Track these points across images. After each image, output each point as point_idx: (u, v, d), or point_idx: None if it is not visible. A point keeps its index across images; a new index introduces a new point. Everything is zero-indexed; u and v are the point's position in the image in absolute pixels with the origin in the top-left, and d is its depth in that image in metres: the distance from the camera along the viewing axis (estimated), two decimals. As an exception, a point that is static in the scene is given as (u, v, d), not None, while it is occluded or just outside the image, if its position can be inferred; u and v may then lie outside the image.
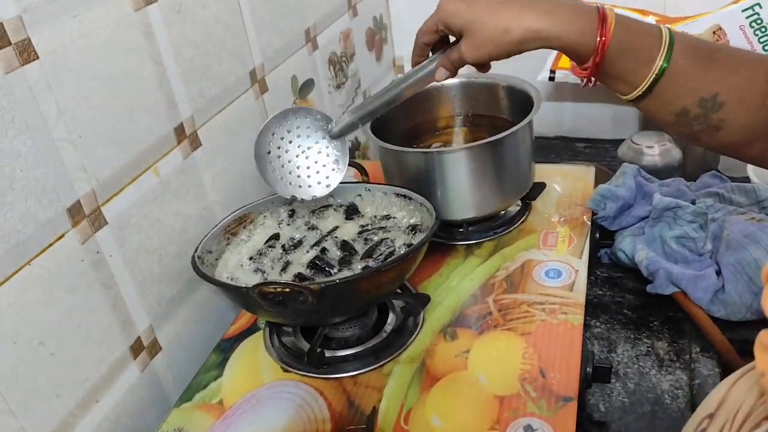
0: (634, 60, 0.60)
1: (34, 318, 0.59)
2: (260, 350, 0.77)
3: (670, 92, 0.60)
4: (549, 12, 0.59)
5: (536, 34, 0.59)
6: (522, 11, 0.59)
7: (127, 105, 0.68)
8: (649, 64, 0.59)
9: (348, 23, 1.19)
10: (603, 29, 0.58)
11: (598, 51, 0.59)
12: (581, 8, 0.60)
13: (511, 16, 0.60)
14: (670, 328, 0.85)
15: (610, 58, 0.59)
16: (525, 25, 0.59)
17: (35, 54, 0.57)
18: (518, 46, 0.61)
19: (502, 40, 0.60)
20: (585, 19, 0.59)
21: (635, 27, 0.60)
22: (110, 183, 0.67)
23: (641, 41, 0.60)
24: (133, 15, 0.68)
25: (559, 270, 0.82)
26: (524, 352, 0.71)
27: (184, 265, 0.79)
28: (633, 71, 0.60)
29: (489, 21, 0.60)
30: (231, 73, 0.86)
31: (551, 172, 1.02)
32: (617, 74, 0.61)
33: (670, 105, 0.61)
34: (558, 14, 0.59)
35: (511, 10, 0.60)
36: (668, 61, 0.59)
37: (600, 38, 0.58)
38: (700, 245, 0.85)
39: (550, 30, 0.59)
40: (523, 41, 0.60)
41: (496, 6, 0.60)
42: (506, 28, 0.60)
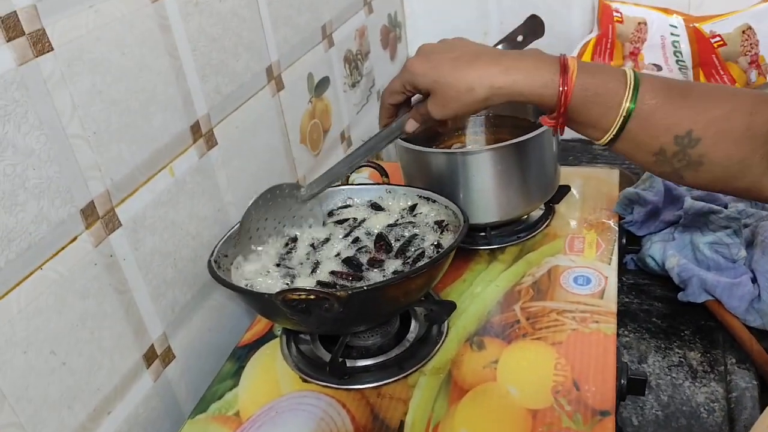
0: (600, 105, 0.60)
1: (46, 326, 0.55)
2: (277, 359, 0.74)
3: (642, 133, 0.60)
4: (510, 69, 0.60)
5: (499, 91, 0.60)
6: (486, 70, 0.61)
7: (142, 101, 0.65)
8: (617, 107, 0.59)
9: (363, 20, 1.16)
10: (564, 79, 0.59)
11: (561, 101, 0.59)
12: (543, 61, 0.61)
13: (475, 76, 0.61)
14: (702, 337, 0.82)
15: (576, 105, 0.60)
16: (488, 83, 0.60)
17: (50, 45, 0.54)
18: (483, 103, 0.62)
19: (467, 99, 0.61)
20: (547, 72, 0.60)
21: (598, 72, 0.61)
22: (125, 183, 0.64)
23: (605, 86, 0.60)
24: (149, 6, 0.65)
25: (588, 277, 0.79)
26: (556, 363, 0.68)
27: (198, 269, 0.75)
28: (601, 116, 0.60)
29: (453, 81, 0.61)
30: (247, 69, 0.83)
31: (573, 175, 1.00)
32: (585, 121, 0.61)
33: (645, 145, 0.61)
34: (519, 70, 0.60)
35: (475, 69, 0.61)
36: (634, 102, 0.59)
37: (561, 88, 0.59)
38: (735, 252, 0.82)
39: (513, 87, 0.60)
40: (486, 98, 0.61)
41: (461, 65, 0.62)
42: (470, 87, 0.61)
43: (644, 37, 1.13)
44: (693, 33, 1.06)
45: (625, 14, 1.14)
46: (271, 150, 0.90)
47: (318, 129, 1.03)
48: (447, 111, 0.64)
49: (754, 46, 1.05)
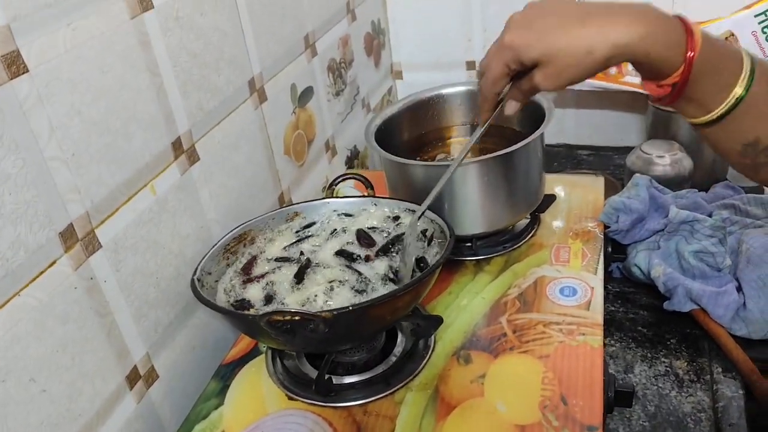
0: (713, 83, 0.55)
1: (25, 353, 0.54)
2: (262, 376, 0.73)
3: (744, 120, 0.56)
4: (634, 23, 0.53)
5: (624, 49, 0.53)
6: (603, 27, 0.53)
7: (123, 119, 0.64)
8: (728, 89, 0.55)
9: (346, 28, 1.15)
10: (691, 43, 0.53)
11: (686, 68, 0.53)
12: (666, 18, 0.54)
13: (591, 35, 0.54)
14: (688, 346, 0.82)
15: (691, 78, 0.54)
16: (611, 41, 0.53)
17: (25, 67, 0.53)
18: (603, 64, 0.55)
19: (585, 62, 0.54)
20: (672, 31, 0.54)
21: (720, 46, 0.55)
22: (105, 204, 0.63)
23: (724, 63, 0.55)
24: (129, 23, 0.64)
25: (574, 288, 0.79)
26: (543, 377, 0.67)
27: (181, 287, 0.74)
28: (710, 95, 0.55)
29: (568, 46, 0.54)
30: (229, 83, 0.82)
31: (559, 183, 1.00)
32: (693, 96, 0.56)
33: (741, 133, 0.57)
34: (644, 25, 0.53)
35: (591, 27, 0.54)
36: (747, 89, 0.54)
37: (689, 52, 0.53)
38: (720, 260, 0.82)
39: (638, 44, 0.53)
40: (608, 59, 0.54)
41: (572, 27, 0.54)
42: (589, 49, 0.54)
43: (627, 44, 1.14)
44: (675, 40, 1.06)
45: (608, 21, 1.14)
46: (255, 163, 0.89)
47: (302, 140, 1.02)
48: (562, 80, 0.57)
49: (736, 52, 1.05)
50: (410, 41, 1.37)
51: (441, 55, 1.35)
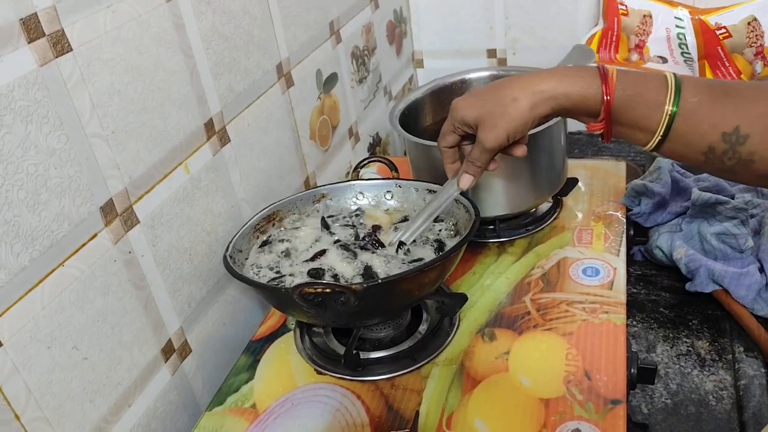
0: (642, 106, 0.61)
1: (68, 321, 0.57)
2: (291, 351, 0.75)
3: (690, 132, 0.60)
4: (551, 75, 0.62)
5: (543, 94, 0.61)
6: (526, 81, 0.62)
7: (159, 99, 0.66)
8: (660, 107, 0.60)
9: (370, 16, 1.17)
10: (606, 79, 0.60)
11: (604, 100, 0.60)
12: (583, 69, 0.63)
13: (516, 88, 0.63)
14: (709, 326, 0.83)
15: (619, 107, 0.61)
16: (530, 90, 0.62)
17: (69, 46, 0.55)
18: (530, 113, 0.62)
19: (513, 112, 0.62)
20: (589, 76, 0.61)
21: (638, 75, 0.62)
22: (142, 180, 0.65)
23: (646, 86, 0.61)
24: (164, 5, 0.66)
25: (596, 268, 0.80)
26: (567, 353, 0.69)
27: (213, 264, 0.77)
28: (645, 116, 0.61)
29: (496, 100, 0.63)
30: (258, 66, 0.84)
31: (580, 168, 1.00)
32: (631, 123, 0.62)
33: (694, 145, 0.61)
34: (561, 75, 0.62)
35: (516, 84, 0.63)
36: (677, 101, 0.59)
37: (604, 92, 0.60)
38: (742, 242, 0.83)
39: (557, 88, 0.61)
40: (533, 106, 0.62)
41: (502, 87, 0.64)
42: (514, 98, 0.62)
43: (649, 30, 1.14)
44: (698, 25, 1.06)
45: (630, 7, 1.15)
46: (282, 146, 0.91)
47: (327, 125, 1.04)
48: (498, 133, 0.64)
49: (759, 37, 1.05)
50: (432, 29, 1.38)
51: (462, 43, 1.36)
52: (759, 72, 1.08)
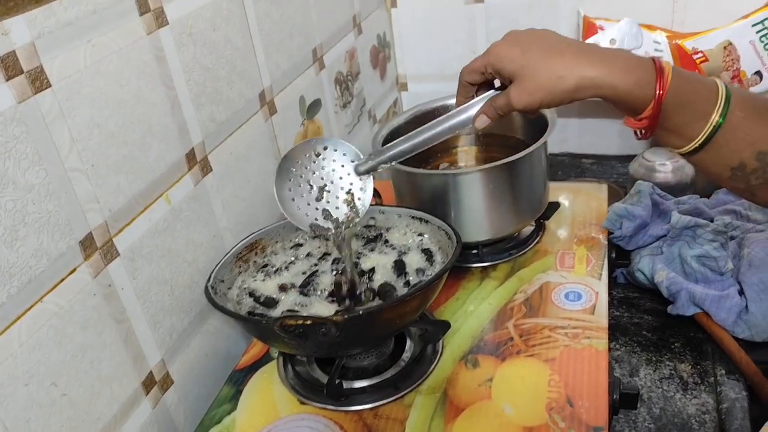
0: (690, 113, 0.58)
1: (46, 358, 0.56)
2: (274, 381, 0.74)
3: (726, 146, 0.59)
4: (605, 61, 0.58)
5: (591, 81, 0.58)
6: (577, 59, 0.58)
7: (139, 131, 0.66)
8: (705, 117, 0.58)
9: (353, 42, 1.18)
10: (661, 81, 0.57)
11: (656, 102, 0.57)
12: (637, 59, 0.59)
13: (566, 64, 0.58)
14: (692, 349, 0.83)
15: (666, 110, 0.58)
16: (579, 72, 0.58)
17: (48, 82, 0.55)
18: (572, 94, 0.59)
19: (556, 87, 0.59)
20: (642, 70, 0.58)
21: (692, 80, 0.59)
22: (122, 213, 0.65)
23: (697, 94, 0.58)
24: (145, 38, 0.66)
25: (578, 292, 0.80)
26: (550, 380, 0.69)
27: (195, 295, 0.76)
28: (688, 125, 0.59)
29: (543, 67, 0.59)
30: (240, 96, 0.84)
31: (562, 191, 1.01)
32: (672, 127, 0.59)
33: (726, 159, 0.59)
34: (614, 63, 0.58)
35: (567, 58, 0.59)
36: (724, 116, 0.57)
37: (658, 90, 0.57)
38: (722, 264, 0.84)
39: (606, 78, 0.57)
40: (576, 89, 0.59)
41: (551, 53, 0.59)
42: (560, 75, 0.58)
43: (629, 54, 1.15)
44: (676, 49, 1.08)
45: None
46: (265, 173, 0.91)
47: (310, 151, 1.04)
48: (533, 99, 0.61)
49: (735, 61, 1.07)
50: (415, 54, 1.39)
51: (445, 67, 1.38)
52: (736, 95, 1.10)
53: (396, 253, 0.78)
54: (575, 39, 0.63)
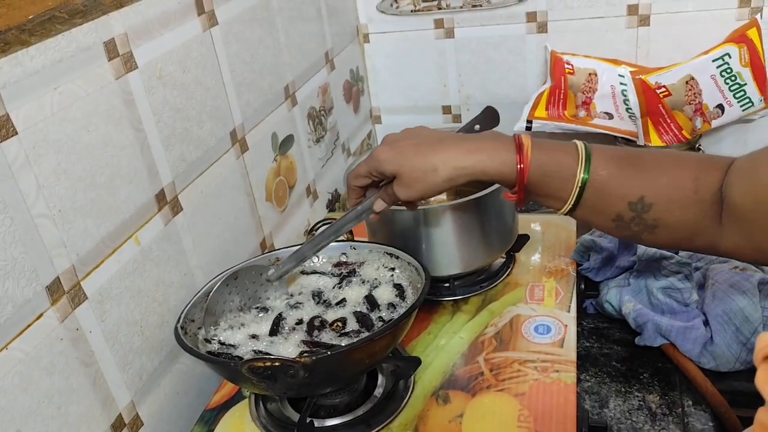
0: (556, 179, 0.65)
1: (12, 405, 0.56)
2: (246, 421, 0.74)
3: (599, 201, 0.65)
4: (472, 150, 0.65)
5: (463, 170, 0.65)
6: (448, 152, 0.65)
7: (108, 175, 0.67)
8: (572, 179, 0.64)
9: (326, 77, 1.20)
10: (521, 157, 0.64)
11: (519, 177, 0.64)
12: (501, 140, 0.66)
13: (438, 158, 0.65)
14: (660, 380, 0.84)
15: (534, 180, 0.65)
16: (451, 165, 0.65)
17: (14, 130, 0.56)
18: (447, 183, 0.66)
19: (431, 179, 0.66)
20: (505, 151, 0.65)
21: (552, 149, 0.66)
22: (90, 256, 0.65)
23: (559, 161, 0.65)
24: (113, 84, 0.67)
25: (548, 325, 0.81)
26: (519, 415, 0.69)
27: (165, 334, 0.76)
28: (558, 188, 0.65)
29: (417, 164, 0.66)
30: (211, 134, 0.85)
31: (532, 222, 1.03)
32: (545, 193, 0.66)
33: (603, 212, 0.65)
34: (480, 151, 0.65)
35: (439, 153, 0.65)
36: (587, 173, 0.64)
37: (519, 165, 0.64)
38: (687, 296, 0.85)
39: (476, 166, 0.65)
40: (450, 178, 0.65)
41: (424, 150, 0.66)
42: (434, 168, 0.65)
43: (595, 87, 1.19)
44: (639, 84, 1.11)
45: (576, 66, 1.19)
46: (237, 210, 0.91)
47: (284, 186, 1.05)
48: (412, 192, 0.67)
49: (697, 95, 1.10)
50: (388, 87, 1.41)
51: (418, 99, 1.40)
52: (699, 127, 1.13)
53: (367, 288, 0.79)
54: (445, 132, 0.71)
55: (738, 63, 1.08)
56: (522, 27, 1.27)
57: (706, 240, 0.64)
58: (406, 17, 1.33)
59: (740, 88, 1.09)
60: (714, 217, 0.63)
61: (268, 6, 0.99)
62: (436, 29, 1.32)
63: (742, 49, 1.08)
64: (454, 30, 1.31)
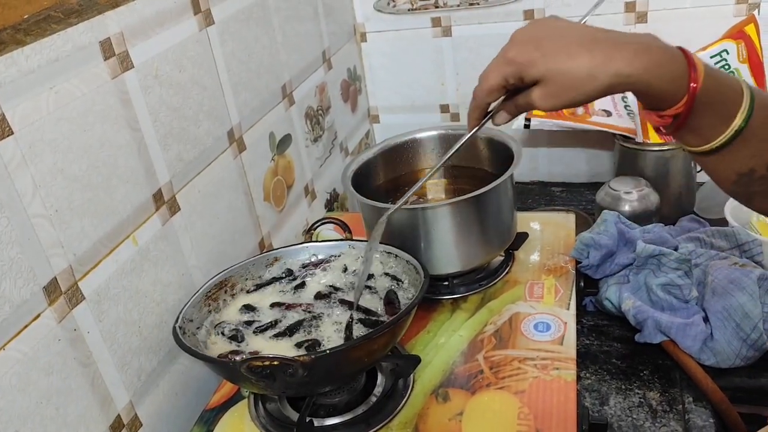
0: (714, 115, 0.55)
1: (10, 406, 0.55)
2: (245, 420, 0.74)
3: (742, 151, 0.56)
4: (638, 55, 0.53)
5: (626, 79, 0.53)
6: (608, 55, 0.53)
7: (104, 174, 0.67)
8: (728, 121, 0.55)
9: (323, 77, 1.19)
10: (694, 75, 0.53)
11: (689, 99, 0.54)
12: (670, 52, 0.55)
13: (595, 61, 0.53)
14: (660, 377, 0.84)
15: (693, 108, 0.54)
16: (613, 70, 0.53)
17: (10, 129, 0.55)
18: (603, 92, 0.54)
19: (587, 86, 0.54)
20: (675, 64, 0.54)
21: (720, 79, 0.55)
22: (88, 256, 0.65)
23: (725, 95, 0.55)
24: (110, 83, 0.67)
25: (547, 323, 0.81)
26: (519, 412, 0.69)
27: (164, 334, 0.76)
28: (710, 126, 0.56)
29: (570, 67, 0.54)
30: (209, 134, 0.85)
31: (531, 220, 1.03)
32: (693, 126, 0.56)
33: (737, 163, 0.57)
34: (648, 58, 0.53)
35: (596, 54, 0.53)
36: (746, 121, 0.54)
37: (691, 84, 0.53)
38: (686, 292, 0.85)
39: (642, 75, 0.53)
40: (610, 87, 0.54)
41: (578, 50, 0.54)
42: (591, 74, 0.53)
43: (593, 85, 1.18)
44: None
45: (573, 63, 1.19)
46: (235, 210, 0.91)
47: (281, 185, 1.05)
48: (561, 101, 0.56)
49: (695, 91, 1.10)
50: (386, 86, 1.41)
51: (416, 98, 1.40)
52: (697, 124, 1.12)
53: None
54: (597, 27, 0.57)
55: (736, 59, 1.08)
56: (519, 25, 1.26)
57: None
58: (403, 16, 1.32)
59: (738, 85, 1.09)
60: None
61: (265, 5, 0.98)
62: (434, 27, 1.32)
63: (739, 45, 1.07)
64: (452, 28, 1.31)
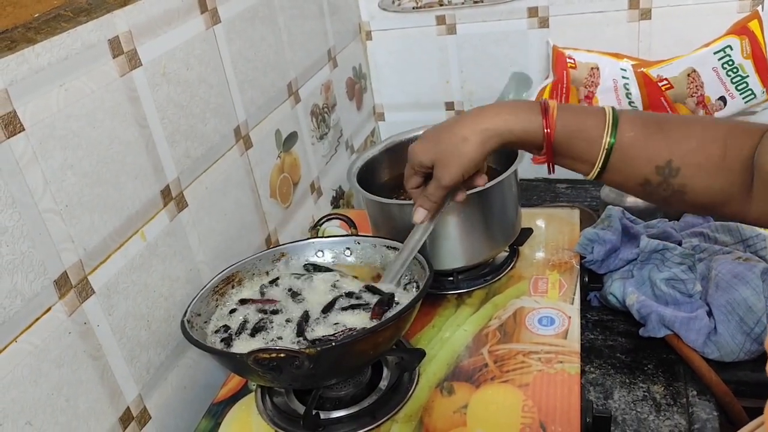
0: (582, 140, 0.64)
1: (22, 397, 0.57)
2: (253, 413, 0.75)
3: (626, 165, 0.64)
4: (498, 113, 0.66)
5: (491, 132, 0.65)
6: (474, 119, 0.66)
7: (113, 170, 0.68)
8: (599, 141, 0.64)
9: (328, 75, 1.20)
10: (547, 118, 0.64)
11: (546, 137, 0.64)
12: (527, 104, 0.67)
13: (466, 127, 0.66)
14: (664, 371, 0.85)
15: (561, 143, 0.65)
16: (478, 128, 0.65)
17: (21, 126, 0.56)
18: (481, 149, 0.66)
19: (465, 150, 0.66)
20: (530, 112, 0.65)
21: (579, 111, 0.66)
22: (97, 251, 0.66)
23: (585, 123, 0.64)
24: (118, 81, 0.68)
25: (551, 317, 0.82)
26: (523, 405, 0.70)
27: (172, 329, 0.77)
28: (585, 152, 0.65)
29: (448, 139, 0.67)
30: (216, 131, 0.86)
31: (536, 216, 1.03)
32: (572, 155, 0.66)
33: (631, 177, 0.65)
34: (506, 113, 0.66)
35: (465, 122, 0.66)
36: (614, 135, 0.63)
37: (545, 128, 0.64)
38: (690, 287, 0.85)
39: (501, 126, 0.65)
40: (482, 143, 0.66)
41: (452, 126, 0.67)
42: (464, 138, 0.66)
43: (597, 81, 1.19)
44: (641, 77, 1.11)
45: (578, 60, 1.20)
46: (242, 207, 0.92)
47: (288, 182, 1.06)
48: (452, 170, 0.67)
49: (699, 87, 1.11)
50: (391, 84, 1.42)
51: (421, 96, 1.41)
52: (701, 119, 1.13)
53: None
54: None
55: (740, 55, 1.08)
56: (523, 22, 1.27)
57: (735, 208, 0.63)
58: (408, 14, 1.33)
59: (742, 80, 1.09)
60: (743, 184, 0.61)
61: (270, 4, 0.99)
62: (438, 26, 1.33)
63: (743, 41, 1.08)
64: (456, 26, 1.31)
